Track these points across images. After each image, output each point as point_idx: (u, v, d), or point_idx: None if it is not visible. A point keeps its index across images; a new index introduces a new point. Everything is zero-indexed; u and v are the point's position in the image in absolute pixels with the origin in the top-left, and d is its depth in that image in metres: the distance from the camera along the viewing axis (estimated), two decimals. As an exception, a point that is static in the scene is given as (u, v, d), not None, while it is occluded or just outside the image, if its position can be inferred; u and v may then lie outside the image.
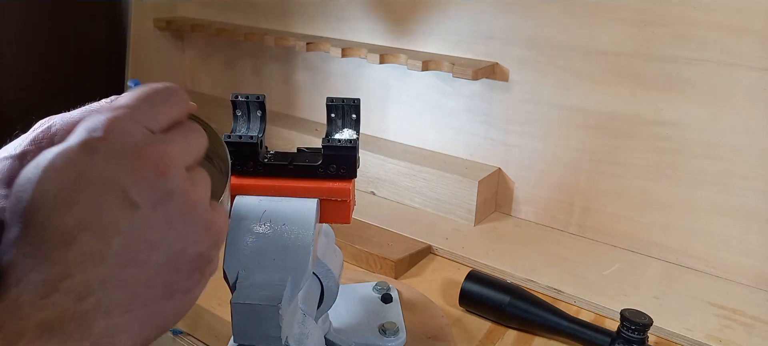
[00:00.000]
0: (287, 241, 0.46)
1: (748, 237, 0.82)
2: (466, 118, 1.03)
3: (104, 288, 0.28)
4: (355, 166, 0.49)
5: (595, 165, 0.92)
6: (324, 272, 0.56)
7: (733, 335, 0.72)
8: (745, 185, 0.80)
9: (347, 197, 0.48)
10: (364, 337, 0.63)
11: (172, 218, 0.32)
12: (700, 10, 0.78)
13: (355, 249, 0.86)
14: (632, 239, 0.91)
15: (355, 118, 0.51)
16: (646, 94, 0.84)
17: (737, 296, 0.80)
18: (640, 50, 0.83)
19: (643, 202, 0.89)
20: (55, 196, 0.28)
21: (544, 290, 0.80)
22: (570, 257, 0.88)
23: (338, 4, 1.14)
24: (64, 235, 0.28)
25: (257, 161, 0.49)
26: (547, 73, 0.92)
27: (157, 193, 0.31)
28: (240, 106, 0.52)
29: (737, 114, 0.79)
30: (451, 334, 0.68)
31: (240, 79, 1.36)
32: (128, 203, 0.30)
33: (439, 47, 1.03)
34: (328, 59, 1.17)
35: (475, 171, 0.99)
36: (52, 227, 0.27)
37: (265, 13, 1.26)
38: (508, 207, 1.03)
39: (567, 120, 0.92)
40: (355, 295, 0.71)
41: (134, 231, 0.30)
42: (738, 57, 0.77)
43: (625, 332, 0.63)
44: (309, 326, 0.52)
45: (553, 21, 0.89)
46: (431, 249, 0.91)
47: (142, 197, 0.30)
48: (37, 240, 0.27)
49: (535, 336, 0.71)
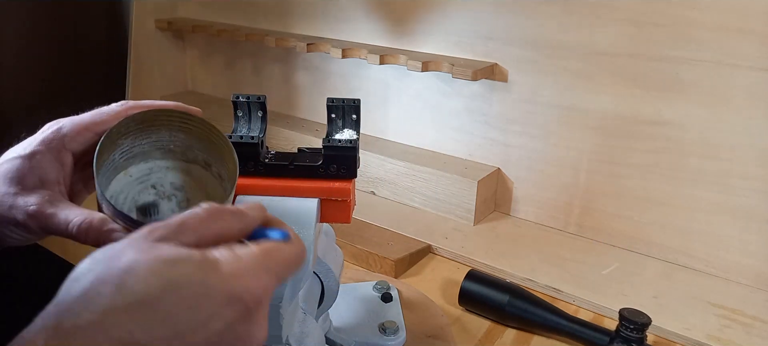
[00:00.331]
0: (288, 240, 0.46)
1: (747, 237, 0.82)
2: (466, 119, 1.03)
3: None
4: (356, 166, 0.49)
5: (594, 165, 0.92)
6: (324, 271, 0.57)
7: (732, 335, 0.72)
8: (744, 185, 0.81)
9: (347, 196, 0.49)
10: (364, 336, 0.63)
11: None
12: (699, 11, 0.78)
13: (355, 249, 0.87)
14: (631, 238, 0.91)
15: (355, 119, 0.52)
16: (645, 95, 0.85)
17: (736, 296, 0.80)
18: (639, 50, 0.84)
19: (642, 202, 0.89)
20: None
21: (544, 290, 0.81)
22: (569, 257, 0.89)
23: (338, 5, 1.14)
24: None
25: (258, 161, 0.49)
26: (547, 74, 0.92)
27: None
28: (241, 107, 0.52)
29: (737, 114, 0.79)
30: (451, 333, 0.68)
31: (240, 80, 1.36)
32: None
33: (439, 48, 1.03)
34: (328, 60, 1.17)
35: (474, 171, 1.00)
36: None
37: (266, 13, 1.26)
38: (507, 207, 1.03)
39: (566, 120, 0.92)
40: (355, 294, 0.71)
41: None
42: (737, 57, 0.77)
43: (624, 332, 0.64)
44: (309, 325, 0.52)
45: (552, 21, 0.90)
46: (431, 249, 0.91)
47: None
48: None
49: (534, 335, 0.71)
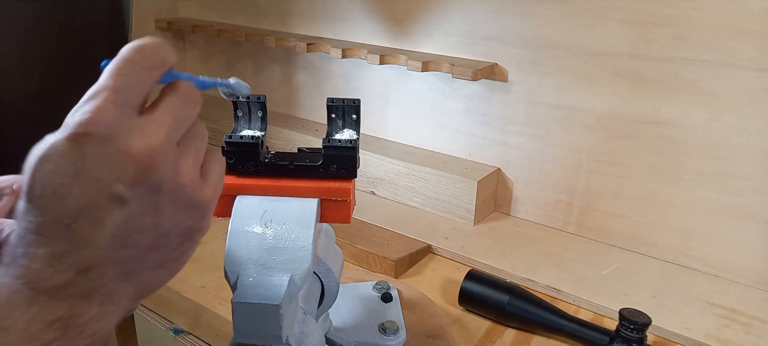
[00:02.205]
0: (287, 241, 0.46)
1: (747, 237, 0.82)
2: (466, 119, 1.03)
3: (100, 264, 0.31)
4: (356, 166, 0.49)
5: (594, 165, 0.92)
6: (324, 271, 0.57)
7: (731, 335, 0.72)
8: (744, 185, 0.81)
9: (347, 196, 0.49)
10: (364, 336, 0.63)
11: (161, 204, 0.33)
12: (698, 11, 0.78)
13: (355, 249, 0.87)
14: (631, 238, 0.91)
15: (355, 119, 0.52)
16: (645, 94, 0.85)
17: (736, 296, 0.80)
18: (639, 50, 0.84)
19: (642, 202, 0.89)
20: (50, 186, 0.30)
21: (544, 290, 0.81)
22: (569, 257, 0.89)
23: (338, 5, 1.14)
24: (60, 220, 0.30)
25: (258, 161, 0.49)
26: (547, 74, 0.92)
27: (144, 187, 0.32)
28: (241, 107, 0.52)
29: (736, 114, 0.79)
30: (451, 333, 0.68)
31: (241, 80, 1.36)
32: (117, 199, 0.31)
33: (439, 48, 1.03)
34: (328, 60, 1.17)
35: (474, 171, 1.00)
36: (49, 212, 0.30)
37: (266, 13, 1.26)
38: (507, 207, 1.03)
39: (566, 120, 0.92)
40: (355, 294, 0.71)
41: (124, 222, 0.32)
42: (737, 57, 0.77)
43: (624, 332, 0.64)
44: (309, 325, 0.52)
45: (552, 21, 0.90)
46: (431, 249, 0.91)
47: (130, 193, 0.31)
48: (39, 221, 0.30)
49: (535, 335, 0.71)
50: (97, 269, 0.31)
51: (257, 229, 0.47)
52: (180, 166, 0.34)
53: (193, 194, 0.35)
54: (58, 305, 0.30)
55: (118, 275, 0.33)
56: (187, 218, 0.35)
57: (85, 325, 0.31)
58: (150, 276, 0.35)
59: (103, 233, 0.31)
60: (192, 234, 0.37)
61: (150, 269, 0.35)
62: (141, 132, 0.32)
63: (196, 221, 0.36)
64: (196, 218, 0.36)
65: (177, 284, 0.81)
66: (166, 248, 0.35)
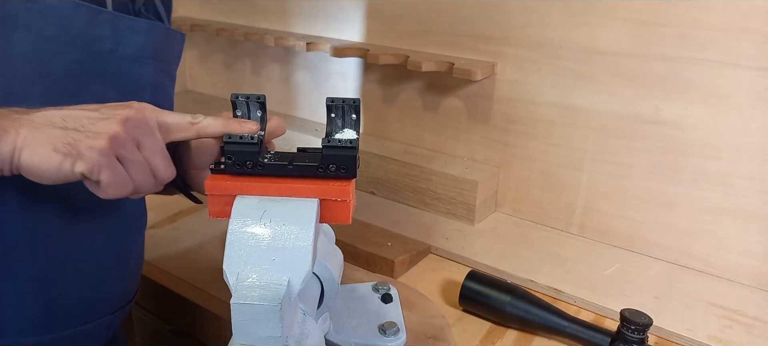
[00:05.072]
0: (287, 241, 0.46)
1: (748, 237, 0.81)
2: (466, 118, 1.03)
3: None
4: (355, 166, 0.49)
5: (595, 165, 0.92)
6: (324, 271, 0.56)
7: (733, 335, 0.72)
8: (745, 185, 0.80)
9: (347, 197, 0.48)
10: (364, 337, 0.63)
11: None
12: (700, 10, 0.78)
13: (355, 249, 0.86)
14: (632, 239, 0.91)
15: (355, 119, 0.51)
16: (646, 94, 0.84)
17: (737, 297, 0.80)
18: (640, 50, 0.83)
19: (643, 202, 0.89)
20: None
21: (544, 290, 0.80)
22: (570, 257, 0.88)
23: (338, 4, 1.14)
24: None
25: (257, 161, 0.49)
26: (547, 73, 0.92)
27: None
28: (240, 106, 0.52)
29: (737, 114, 0.79)
30: (451, 334, 0.68)
31: (240, 79, 1.36)
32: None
33: (439, 48, 1.02)
34: (328, 59, 1.17)
35: (475, 171, 0.99)
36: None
37: (265, 13, 1.26)
38: (508, 207, 1.03)
39: (567, 120, 0.92)
40: (355, 295, 0.71)
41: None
42: (739, 57, 0.77)
43: (625, 332, 0.63)
44: (309, 326, 0.52)
45: (553, 21, 0.89)
46: (431, 249, 0.91)
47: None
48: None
49: (535, 336, 0.71)
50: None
51: (257, 229, 0.46)
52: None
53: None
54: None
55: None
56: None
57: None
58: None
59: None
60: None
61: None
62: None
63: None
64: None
65: (177, 285, 0.80)
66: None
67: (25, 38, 0.51)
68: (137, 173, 0.47)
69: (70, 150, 0.44)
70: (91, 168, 0.44)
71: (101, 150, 0.44)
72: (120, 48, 0.56)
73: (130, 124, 0.46)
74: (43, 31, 0.51)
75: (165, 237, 0.92)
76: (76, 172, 0.44)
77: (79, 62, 0.53)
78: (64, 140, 0.44)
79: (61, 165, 0.44)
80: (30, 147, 0.43)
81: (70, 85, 0.51)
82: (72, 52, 0.53)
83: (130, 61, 0.57)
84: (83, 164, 0.44)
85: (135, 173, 0.47)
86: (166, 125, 0.49)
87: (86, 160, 0.44)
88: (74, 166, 0.44)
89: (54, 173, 0.44)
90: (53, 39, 0.52)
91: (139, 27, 0.57)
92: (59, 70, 0.53)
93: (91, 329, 0.62)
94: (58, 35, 0.52)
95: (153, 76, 0.60)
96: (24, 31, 0.51)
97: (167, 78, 0.64)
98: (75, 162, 0.44)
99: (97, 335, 0.64)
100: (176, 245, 0.90)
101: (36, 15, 0.51)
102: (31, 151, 0.43)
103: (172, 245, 0.90)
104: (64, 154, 0.44)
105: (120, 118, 0.46)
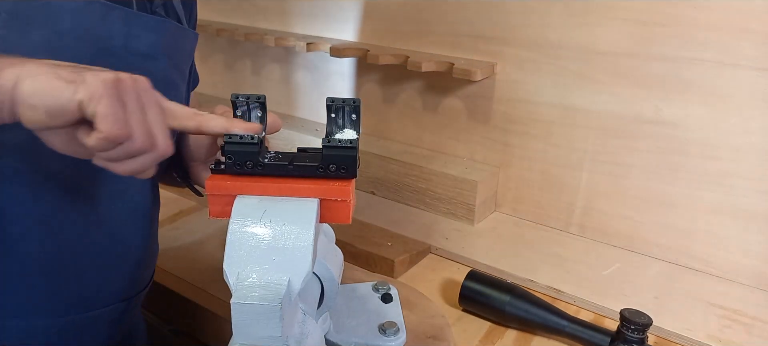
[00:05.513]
0: (287, 241, 0.46)
1: (748, 237, 0.82)
2: (466, 118, 1.03)
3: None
4: (356, 166, 0.49)
5: (595, 165, 0.92)
6: (324, 271, 0.56)
7: (732, 335, 0.72)
8: (744, 185, 0.80)
9: (347, 196, 0.48)
10: (364, 337, 0.63)
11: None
12: (699, 10, 0.78)
13: (355, 249, 0.86)
14: (632, 239, 0.91)
15: (355, 119, 0.51)
16: (646, 94, 0.84)
17: (737, 296, 0.80)
18: (640, 50, 0.83)
19: (643, 202, 0.89)
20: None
21: (544, 290, 0.80)
22: (570, 257, 0.88)
23: (338, 4, 1.14)
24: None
25: (257, 161, 0.49)
26: (547, 73, 0.92)
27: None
28: (240, 106, 0.52)
29: (737, 114, 0.79)
30: (451, 334, 0.68)
31: (240, 79, 1.36)
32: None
33: (439, 48, 1.03)
34: (328, 59, 1.17)
35: (475, 171, 0.99)
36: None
37: (265, 13, 1.26)
38: (508, 207, 1.03)
39: (567, 120, 0.92)
40: (355, 295, 0.71)
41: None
42: (738, 57, 0.77)
43: (625, 332, 0.64)
44: (309, 325, 0.52)
45: (553, 21, 0.89)
46: (431, 249, 0.91)
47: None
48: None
49: (535, 336, 0.71)
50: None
51: (257, 229, 0.47)
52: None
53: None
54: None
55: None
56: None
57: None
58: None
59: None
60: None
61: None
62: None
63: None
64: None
65: (177, 284, 0.81)
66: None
67: (40, 34, 0.51)
68: (136, 123, 0.45)
69: (74, 78, 0.43)
70: (91, 95, 0.42)
71: (105, 80, 0.43)
72: (132, 44, 0.57)
73: (139, 84, 0.46)
74: (58, 27, 0.52)
75: (165, 237, 0.92)
76: (76, 99, 0.42)
77: (92, 57, 0.53)
78: (70, 73, 0.43)
79: (62, 92, 0.42)
80: (33, 77, 0.42)
81: None
82: (85, 48, 0.54)
83: (142, 57, 0.58)
84: (84, 90, 0.42)
85: (134, 123, 0.45)
86: (170, 109, 0.48)
87: (88, 87, 0.43)
88: (75, 93, 0.42)
89: (51, 101, 0.42)
90: (67, 34, 0.52)
91: (151, 24, 0.58)
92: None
93: (103, 314, 0.63)
94: (71, 31, 0.53)
95: (164, 72, 0.61)
96: (40, 27, 0.51)
97: (179, 75, 0.64)
98: (77, 89, 0.42)
99: (109, 321, 0.65)
100: (176, 245, 0.90)
101: (51, 12, 0.52)
102: (33, 79, 0.42)
103: (172, 245, 0.90)
104: (67, 81, 0.42)
105: (128, 75, 0.45)
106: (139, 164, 0.46)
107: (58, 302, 0.59)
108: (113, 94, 0.43)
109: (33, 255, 0.56)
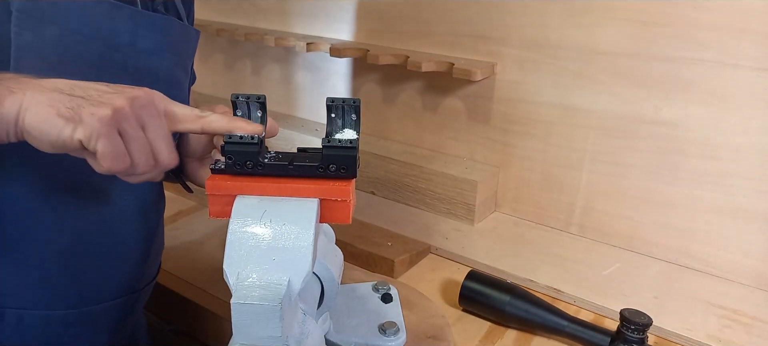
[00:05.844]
0: (287, 241, 0.46)
1: (747, 237, 0.82)
2: (466, 118, 1.03)
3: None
4: (356, 166, 0.49)
5: (595, 165, 0.92)
6: (324, 271, 0.57)
7: (732, 335, 0.72)
8: (744, 185, 0.80)
9: (347, 196, 0.48)
10: (364, 336, 0.63)
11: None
12: (699, 11, 0.78)
13: (355, 249, 0.86)
14: (632, 239, 0.91)
15: (355, 119, 0.51)
16: (646, 94, 0.85)
17: (737, 296, 0.80)
18: (640, 50, 0.83)
19: (643, 202, 0.89)
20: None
21: (544, 290, 0.80)
22: (570, 257, 0.88)
23: (338, 4, 1.14)
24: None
25: (258, 161, 0.49)
26: (547, 73, 0.92)
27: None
28: (240, 106, 0.52)
29: (737, 114, 0.79)
30: (451, 334, 0.68)
31: (240, 79, 1.36)
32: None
33: (439, 48, 1.03)
34: (328, 59, 1.17)
35: (475, 171, 0.99)
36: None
37: (265, 13, 1.26)
38: (507, 207, 1.03)
39: (567, 120, 0.92)
40: (355, 295, 0.71)
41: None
42: (738, 57, 0.77)
43: (625, 332, 0.64)
44: (309, 325, 0.52)
45: (552, 21, 0.89)
46: (431, 249, 0.91)
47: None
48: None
49: (535, 336, 0.71)
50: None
51: (257, 229, 0.47)
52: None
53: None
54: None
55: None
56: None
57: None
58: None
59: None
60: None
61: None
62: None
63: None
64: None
65: (177, 284, 0.81)
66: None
67: (51, 31, 0.53)
68: (136, 150, 0.47)
69: (73, 115, 0.44)
70: (89, 135, 0.44)
71: (102, 118, 0.44)
72: (138, 42, 0.58)
73: (137, 103, 0.46)
74: (68, 25, 0.53)
75: (165, 237, 0.92)
76: (75, 138, 0.44)
77: (100, 54, 0.55)
78: (68, 105, 0.44)
79: (62, 130, 0.43)
80: (34, 108, 0.44)
81: (91, 75, 0.53)
82: (94, 45, 0.55)
83: (148, 55, 0.59)
84: (83, 131, 0.44)
85: (134, 151, 0.47)
86: (173, 114, 0.50)
87: (86, 127, 0.44)
88: (74, 133, 0.44)
89: (54, 137, 0.44)
90: (77, 32, 0.54)
91: (157, 22, 0.59)
92: (82, 61, 0.55)
93: (112, 306, 0.65)
94: (81, 28, 0.54)
95: (169, 69, 0.62)
96: (50, 25, 0.53)
97: (182, 72, 0.66)
98: (75, 128, 0.44)
99: (120, 312, 0.66)
100: (176, 245, 0.90)
101: (62, 10, 0.53)
102: (35, 113, 0.43)
103: (172, 244, 0.90)
104: (66, 119, 0.43)
105: (128, 96, 0.46)
106: (146, 178, 0.50)
107: (78, 293, 0.61)
108: (111, 131, 0.45)
109: (50, 247, 0.58)
